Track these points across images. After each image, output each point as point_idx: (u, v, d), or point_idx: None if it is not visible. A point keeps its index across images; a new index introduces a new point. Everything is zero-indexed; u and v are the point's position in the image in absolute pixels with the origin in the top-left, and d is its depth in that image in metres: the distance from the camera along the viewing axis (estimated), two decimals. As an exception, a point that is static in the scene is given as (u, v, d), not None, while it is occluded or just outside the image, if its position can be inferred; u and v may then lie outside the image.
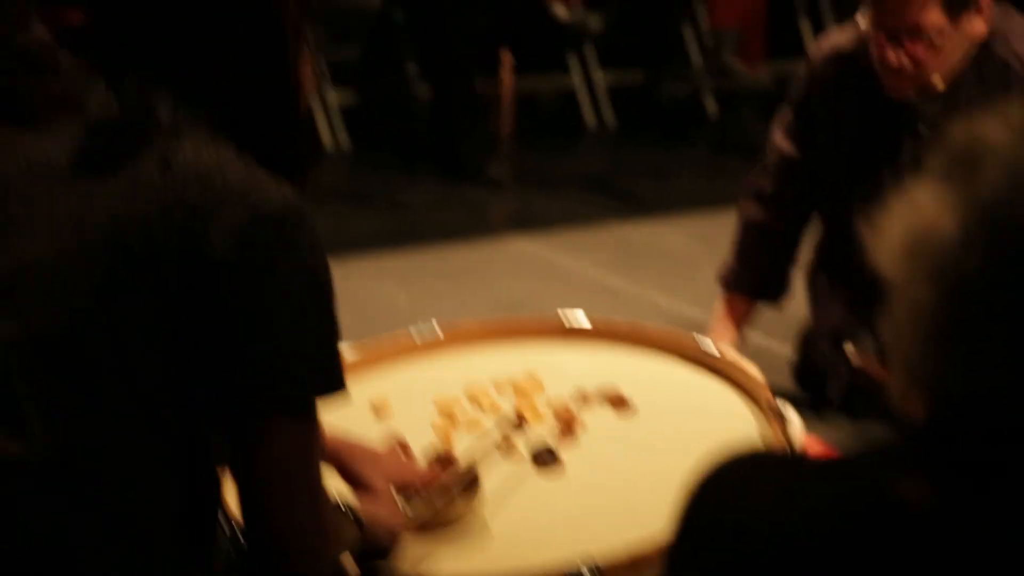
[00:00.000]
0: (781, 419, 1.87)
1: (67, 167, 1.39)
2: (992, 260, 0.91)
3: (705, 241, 4.43)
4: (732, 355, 2.14)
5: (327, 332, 1.39)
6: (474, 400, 2.03)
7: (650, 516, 1.67)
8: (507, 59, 5.11)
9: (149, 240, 1.34)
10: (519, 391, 2.04)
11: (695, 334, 2.15)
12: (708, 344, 2.13)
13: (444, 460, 1.84)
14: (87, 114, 1.41)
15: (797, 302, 3.15)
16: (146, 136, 1.38)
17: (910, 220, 0.94)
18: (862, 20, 2.79)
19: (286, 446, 1.37)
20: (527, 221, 4.86)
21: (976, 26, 2.69)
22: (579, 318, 2.23)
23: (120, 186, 1.36)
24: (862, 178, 2.88)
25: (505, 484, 1.79)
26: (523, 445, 1.89)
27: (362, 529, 1.51)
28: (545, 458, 1.85)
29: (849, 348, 1.28)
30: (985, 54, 2.75)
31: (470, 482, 1.73)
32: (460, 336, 2.21)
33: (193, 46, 1.41)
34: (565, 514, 1.75)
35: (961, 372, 0.93)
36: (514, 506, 1.75)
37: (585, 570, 1.53)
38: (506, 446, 1.87)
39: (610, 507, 1.77)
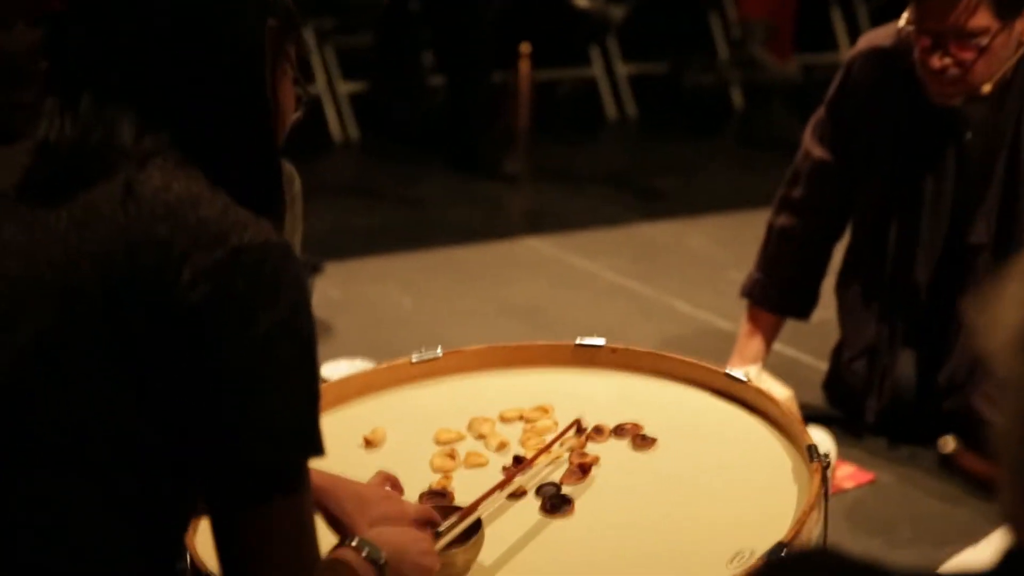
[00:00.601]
0: (818, 459, 1.67)
1: (14, 192, 1.23)
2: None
3: (730, 244, 4.26)
4: (764, 386, 1.95)
5: (311, 391, 1.23)
6: (477, 434, 1.85)
7: (674, 567, 1.55)
8: (525, 49, 4.97)
9: (109, 280, 1.18)
10: (527, 425, 1.85)
11: (729, 370, 1.94)
12: (737, 373, 1.93)
13: (438, 496, 1.67)
14: (37, 133, 1.24)
15: (826, 310, 2.97)
16: (105, 161, 1.21)
17: None
18: (904, 19, 2.59)
19: (279, 522, 1.21)
20: (543, 219, 4.69)
21: (1026, 26, 2.50)
22: (596, 343, 2.03)
23: (75, 217, 1.20)
24: (901, 185, 2.74)
25: (511, 532, 1.60)
26: (531, 486, 1.71)
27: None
28: (555, 502, 1.66)
29: (947, 442, 1.10)
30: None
31: (471, 530, 1.54)
32: (465, 361, 2.01)
33: (159, 60, 1.24)
34: (577, 566, 1.57)
35: None
36: (520, 558, 1.57)
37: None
38: (511, 488, 1.69)
39: (627, 557, 1.59)
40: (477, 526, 1.55)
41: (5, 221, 1.22)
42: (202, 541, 1.48)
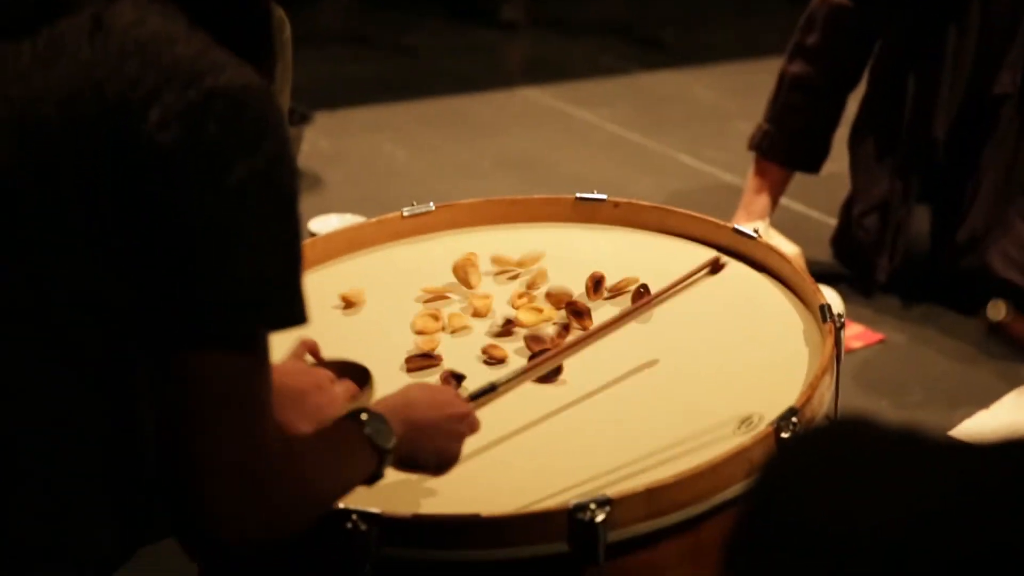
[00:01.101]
0: (832, 320, 1.58)
1: None
2: None
3: (736, 94, 4.12)
4: (773, 242, 1.85)
5: (287, 251, 1.11)
6: (463, 277, 1.76)
7: (672, 438, 1.45)
8: None
9: (71, 119, 1.07)
10: (521, 285, 1.76)
11: (737, 226, 1.83)
12: (746, 229, 1.82)
13: (425, 358, 1.59)
14: None
15: (834, 162, 2.85)
16: None
17: None
18: None
19: (221, 382, 1.09)
20: (541, 69, 4.54)
21: None
22: (597, 197, 1.92)
23: (38, 52, 1.09)
24: (922, 36, 2.62)
25: (497, 401, 1.51)
26: (516, 351, 1.62)
27: (391, 460, 1.24)
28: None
29: (997, 308, 1.00)
30: None
31: (363, 378, 1.46)
32: (458, 216, 1.91)
33: None
34: (566, 436, 1.48)
35: None
36: (507, 427, 1.48)
37: (593, 504, 1.26)
38: (496, 354, 1.60)
39: (628, 424, 1.49)
40: (367, 377, 1.46)
41: None
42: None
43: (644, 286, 1.71)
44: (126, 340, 1.12)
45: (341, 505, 1.26)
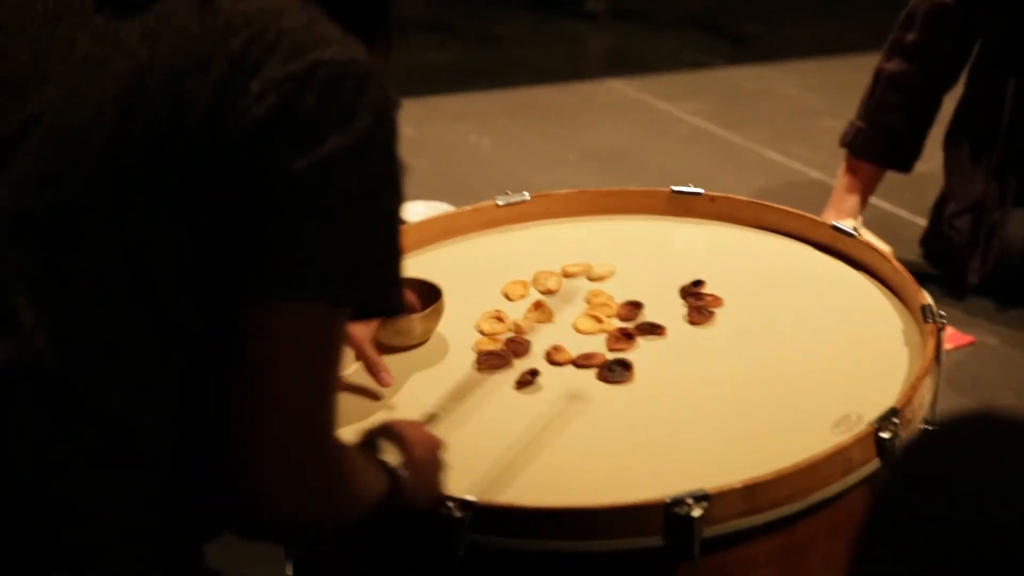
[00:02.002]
0: (933, 320, 1.55)
1: (92, 4, 1.12)
2: None
3: (823, 90, 4.08)
4: (874, 242, 1.82)
5: (375, 232, 1.08)
6: (544, 288, 1.75)
7: (769, 436, 1.44)
8: None
9: (175, 96, 1.06)
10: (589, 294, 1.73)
11: (836, 223, 1.81)
12: (845, 226, 1.80)
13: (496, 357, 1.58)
14: None
15: (924, 162, 2.81)
16: None
17: None
18: None
19: (293, 339, 1.06)
20: (625, 61, 4.52)
21: None
22: (694, 191, 1.90)
23: (147, 28, 1.08)
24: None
25: (591, 399, 1.51)
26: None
27: (398, 489, 1.21)
28: (613, 369, 1.55)
29: None
30: None
31: (432, 298, 1.62)
32: (553, 206, 1.90)
33: None
34: (663, 433, 1.46)
35: None
36: (604, 424, 1.47)
37: (690, 499, 1.25)
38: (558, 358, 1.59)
39: (722, 420, 1.47)
40: (437, 295, 1.61)
41: (79, 34, 1.11)
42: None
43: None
44: (216, 312, 1.09)
45: (437, 491, 1.27)
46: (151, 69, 1.07)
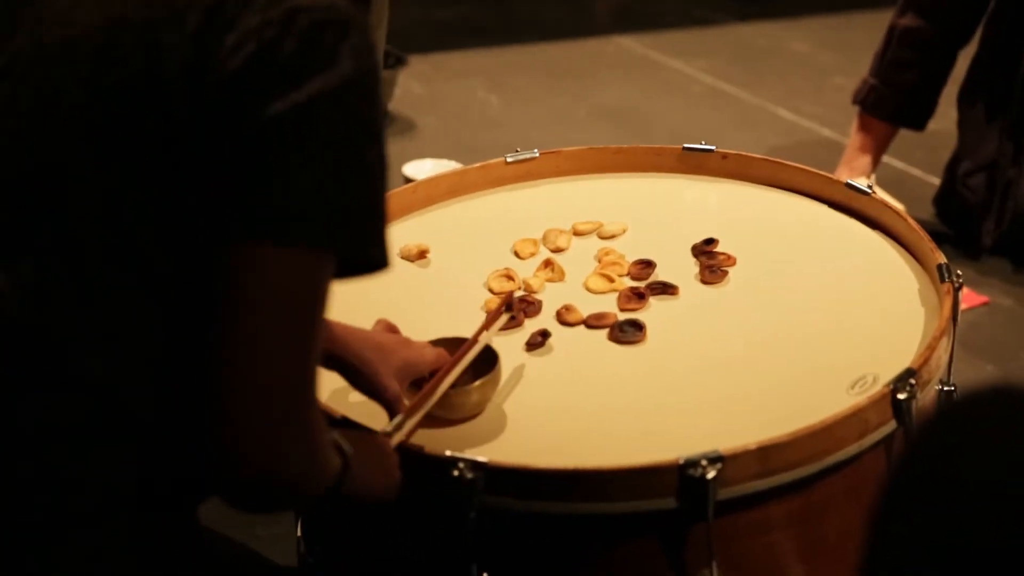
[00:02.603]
0: (950, 280, 1.53)
1: None
2: None
3: (835, 47, 4.04)
4: (888, 200, 1.79)
5: (357, 179, 1.05)
6: (553, 246, 1.73)
7: (784, 397, 1.42)
8: None
9: (150, 48, 1.04)
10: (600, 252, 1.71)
11: (851, 181, 1.78)
12: (860, 184, 1.77)
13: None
14: None
15: (936, 120, 2.78)
16: None
17: None
18: None
19: (276, 285, 1.02)
20: (633, 17, 4.47)
21: None
22: (705, 148, 1.88)
23: None
24: None
25: (603, 359, 1.48)
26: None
27: (345, 476, 1.16)
28: (625, 329, 1.53)
29: None
30: None
31: (488, 364, 1.41)
32: (563, 164, 1.87)
33: None
34: (676, 394, 1.44)
35: None
36: (616, 384, 1.45)
37: (704, 461, 1.23)
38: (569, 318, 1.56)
39: (736, 381, 1.45)
40: (494, 360, 1.41)
41: None
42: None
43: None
44: (197, 264, 1.06)
45: (448, 453, 1.25)
46: (125, 22, 1.04)
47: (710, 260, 1.65)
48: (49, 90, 1.06)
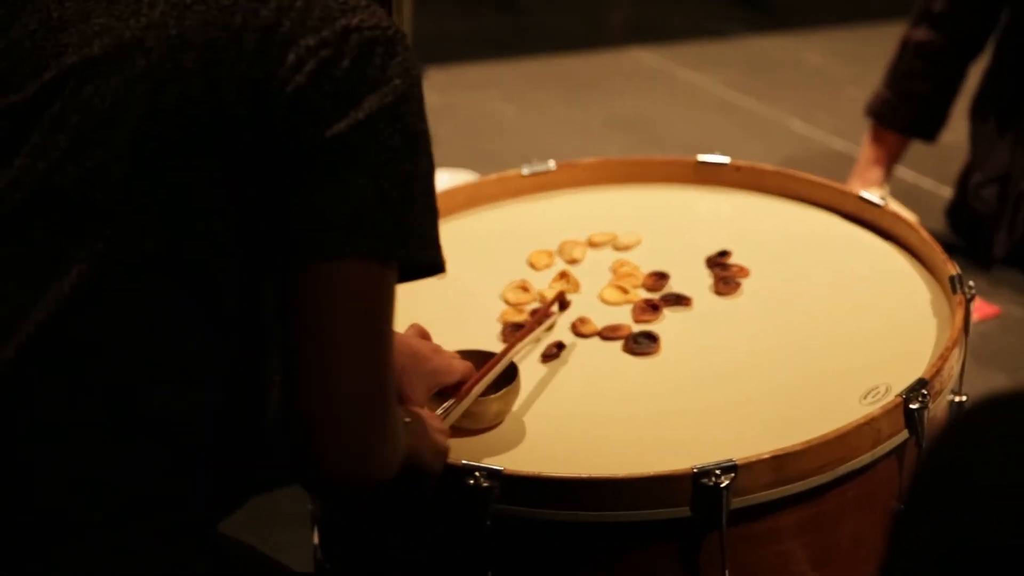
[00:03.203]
0: (962, 291, 1.55)
1: None
2: None
3: (848, 59, 4.05)
4: (901, 212, 1.81)
5: (414, 188, 1.10)
6: (569, 258, 1.74)
7: (797, 407, 1.43)
8: None
9: (209, 68, 1.07)
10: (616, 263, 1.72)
11: (863, 193, 1.80)
12: (872, 196, 1.79)
13: (518, 327, 1.54)
14: None
15: (948, 131, 2.79)
16: None
17: None
18: None
19: (352, 297, 1.08)
20: (647, 29, 4.49)
21: None
22: (719, 160, 1.89)
23: (171, 1, 1.09)
24: None
25: (617, 370, 1.50)
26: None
27: (412, 453, 1.21)
28: (639, 341, 1.54)
29: None
30: None
31: (506, 378, 1.44)
32: (579, 175, 1.89)
33: None
34: (690, 403, 1.46)
35: None
36: (630, 395, 1.46)
37: (718, 470, 1.25)
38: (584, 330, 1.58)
39: (748, 391, 1.47)
40: (514, 372, 1.44)
41: (95, 8, 1.11)
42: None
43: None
44: (260, 278, 1.12)
45: (464, 461, 1.27)
46: (183, 43, 1.08)
47: (723, 272, 1.67)
48: (106, 110, 1.09)
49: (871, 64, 2.83)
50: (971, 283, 1.58)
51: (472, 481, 1.26)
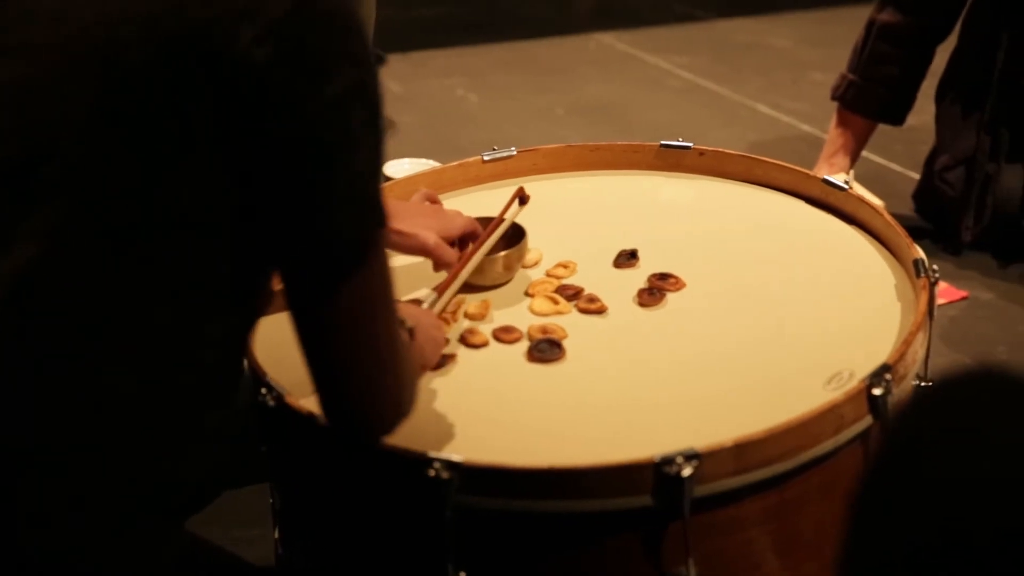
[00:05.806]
0: (926, 275, 1.53)
1: None
2: None
3: (815, 43, 4.04)
4: (866, 196, 1.80)
5: (380, 158, 1.12)
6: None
7: (759, 393, 1.41)
8: None
9: (155, 44, 1.04)
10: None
11: (827, 177, 1.79)
12: (836, 180, 1.77)
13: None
14: None
15: (915, 114, 2.78)
16: None
17: None
18: None
19: (360, 297, 1.13)
20: (613, 14, 4.48)
21: None
22: (682, 145, 1.88)
23: None
24: None
25: (579, 354, 1.48)
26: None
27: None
28: (543, 347, 1.51)
29: None
30: None
31: (515, 237, 1.62)
32: (540, 162, 1.87)
33: None
34: (651, 390, 1.44)
35: None
36: (591, 380, 1.45)
37: (680, 458, 1.23)
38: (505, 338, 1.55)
39: (713, 375, 1.45)
40: (521, 234, 1.61)
41: None
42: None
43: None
44: (214, 253, 1.09)
45: (423, 453, 1.25)
46: (122, 17, 1.04)
47: (659, 281, 1.63)
48: (49, 88, 1.06)
49: (838, 47, 2.82)
50: (935, 267, 1.56)
51: (432, 472, 1.24)
